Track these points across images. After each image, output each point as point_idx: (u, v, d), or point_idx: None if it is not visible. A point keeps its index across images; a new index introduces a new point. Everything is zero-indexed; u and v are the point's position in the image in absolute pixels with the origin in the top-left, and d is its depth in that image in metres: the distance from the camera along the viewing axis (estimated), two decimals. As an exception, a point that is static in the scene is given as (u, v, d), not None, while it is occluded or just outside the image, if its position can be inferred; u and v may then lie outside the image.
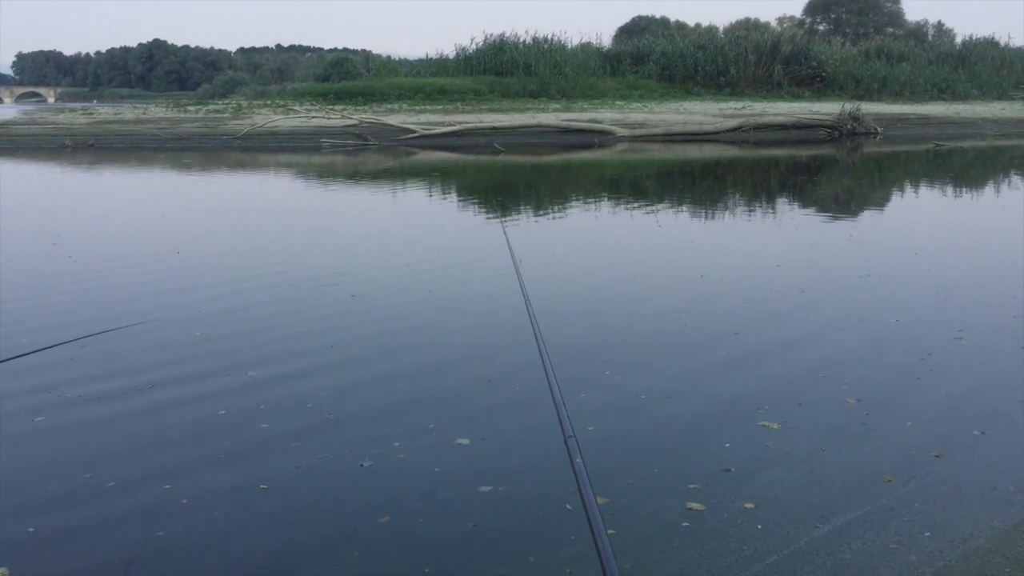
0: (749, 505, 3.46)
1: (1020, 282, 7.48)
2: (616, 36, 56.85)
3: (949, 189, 15.15)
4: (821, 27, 57.08)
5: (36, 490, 3.68)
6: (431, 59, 38.41)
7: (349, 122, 25.37)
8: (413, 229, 11.01)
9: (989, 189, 15.33)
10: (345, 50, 61.38)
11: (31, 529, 3.32)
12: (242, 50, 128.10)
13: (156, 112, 28.91)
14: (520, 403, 4.67)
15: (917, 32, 50.91)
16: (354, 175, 18.07)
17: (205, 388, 4.91)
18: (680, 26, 59.77)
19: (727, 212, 12.61)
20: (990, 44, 39.79)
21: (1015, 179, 16.76)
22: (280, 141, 24.38)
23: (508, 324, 6.12)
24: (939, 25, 52.79)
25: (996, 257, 8.83)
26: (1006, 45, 39.89)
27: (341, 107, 28.67)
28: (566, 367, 5.13)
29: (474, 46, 35.27)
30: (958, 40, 43.87)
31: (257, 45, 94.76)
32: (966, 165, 19.44)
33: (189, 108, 30.22)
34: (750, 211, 12.74)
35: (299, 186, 16.65)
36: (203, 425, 4.39)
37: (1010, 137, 25.71)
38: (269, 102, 32.11)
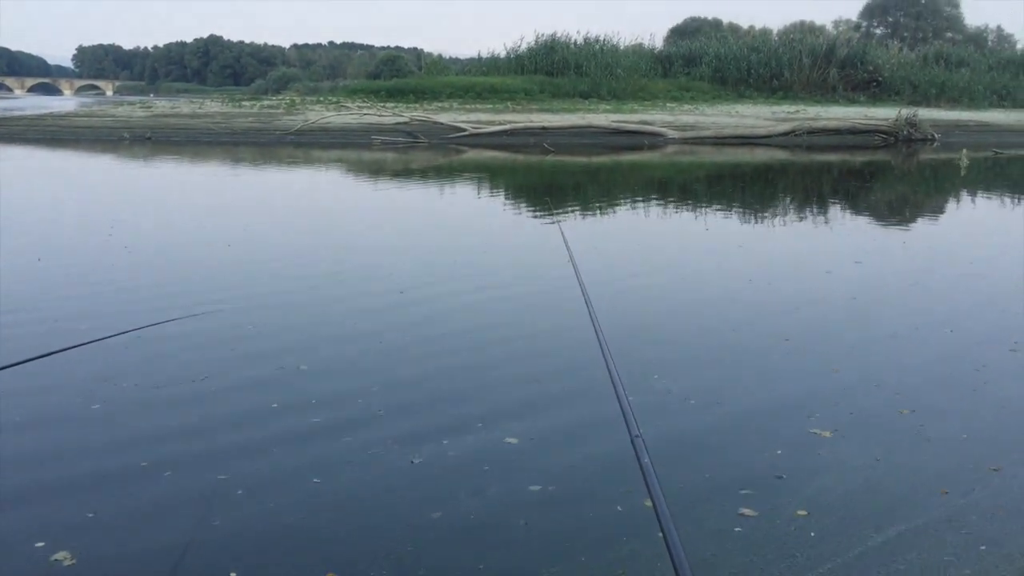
0: (802, 512, 3.43)
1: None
2: (668, 37, 56.50)
3: (1007, 198, 14.82)
4: (878, 31, 56.18)
5: (92, 475, 3.78)
6: (482, 58, 38.53)
7: (400, 119, 25.56)
8: (463, 225, 11.07)
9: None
10: (397, 48, 61.86)
11: (90, 514, 3.41)
12: (295, 46, 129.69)
13: (211, 107, 29.39)
14: (571, 402, 4.68)
15: (977, 37, 49.81)
16: (404, 172, 18.22)
17: (256, 380, 5.00)
18: (734, 28, 59.19)
19: (777, 217, 12.48)
20: (1053, 50, 38.92)
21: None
22: (332, 137, 24.64)
23: (561, 325, 6.13)
24: (999, 30, 51.61)
25: (1057, 269, 8.63)
26: (1070, 51, 38.96)
27: (392, 104, 28.87)
28: (620, 369, 5.12)
29: (525, 46, 35.33)
30: (1019, 46, 42.88)
31: (310, 42, 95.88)
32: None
33: (243, 103, 30.67)
34: (800, 216, 12.60)
35: (351, 182, 16.83)
36: (255, 416, 4.46)
37: (1073, 146, 25.09)
38: (321, 99, 32.46)
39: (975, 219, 12.88)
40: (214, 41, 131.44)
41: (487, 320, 6.42)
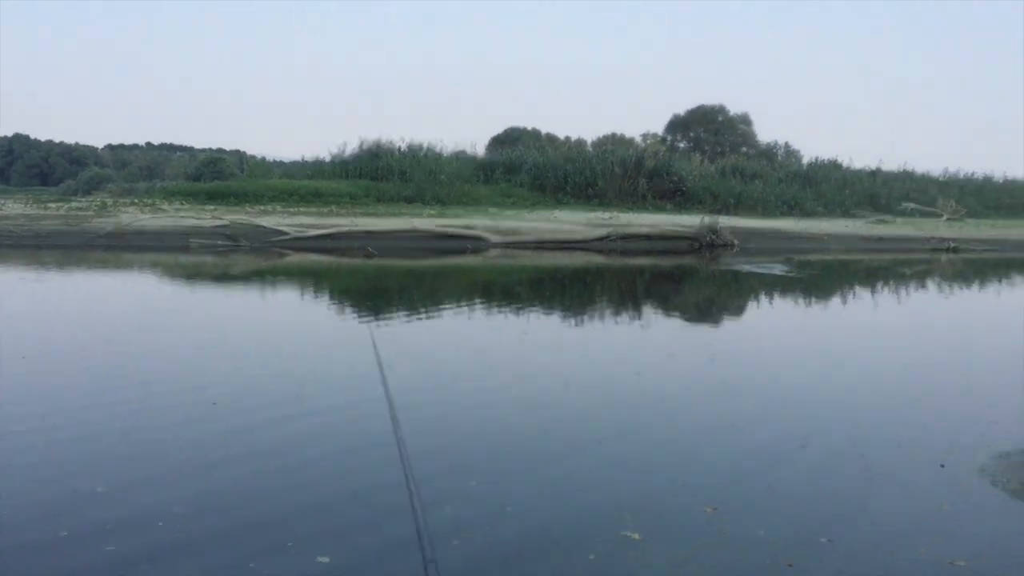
0: (610, 619, 3.50)
1: (862, 390, 7.98)
2: (490, 145, 58.38)
3: (800, 299, 16.08)
4: (682, 144, 60.22)
5: None
6: (307, 161, 38.45)
7: (220, 222, 24.96)
8: (280, 332, 10.82)
9: (836, 299, 16.36)
10: (219, 150, 60.66)
11: None
12: (110, 147, 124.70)
13: (14, 208, 27.64)
14: (375, 525, 4.61)
15: (768, 152, 54.33)
16: (223, 276, 17.70)
17: (47, 507, 4.64)
18: (551, 138, 61.99)
19: (593, 320, 12.97)
20: (833, 166, 42.92)
21: (859, 290, 17.95)
22: (147, 240, 23.69)
23: (372, 439, 6.05)
24: (787, 146, 56.47)
25: (842, 366, 9.39)
26: (847, 167, 43.13)
27: (212, 207, 28.20)
28: (434, 478, 5.12)
29: (350, 151, 35.63)
30: (805, 161, 47.04)
31: (126, 142, 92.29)
32: (815, 277, 20.72)
33: (50, 205, 29.06)
34: (615, 319, 13.15)
35: (164, 287, 16.16)
36: (45, 548, 4.12)
37: (852, 252, 27.64)
38: (136, 200, 31.27)
39: (773, 320, 13.85)
40: (20, 139, 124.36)
41: (298, 436, 6.24)
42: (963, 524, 4.75)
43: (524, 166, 37.09)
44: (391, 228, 25.66)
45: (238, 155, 57.84)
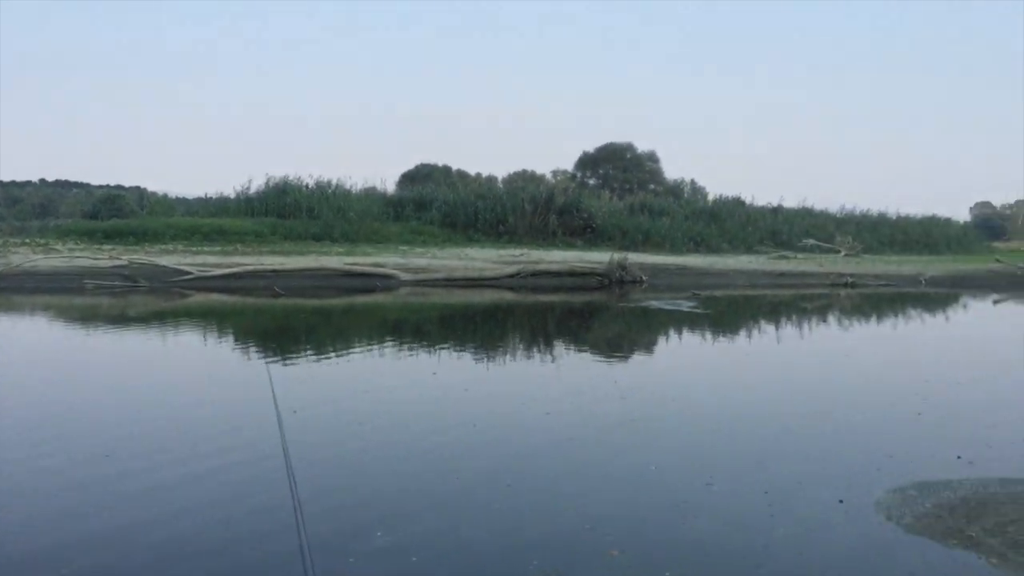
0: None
1: (766, 425, 8.11)
2: (400, 182, 58.30)
3: (707, 335, 16.37)
4: (591, 181, 61.27)
5: None
6: (211, 199, 37.62)
7: (118, 262, 24.13)
8: (178, 377, 10.43)
9: (740, 335, 16.71)
10: (118, 187, 58.76)
11: None
12: (0, 183, 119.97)
13: None
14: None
15: (675, 189, 55.68)
16: (119, 319, 17.04)
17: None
18: (462, 175, 62.29)
19: (503, 358, 12.92)
20: (737, 203, 44.22)
21: (763, 325, 18.40)
22: (39, 281, 22.74)
23: (266, 484, 5.83)
24: (693, 183, 58.03)
25: (746, 402, 9.54)
26: (751, 204, 44.53)
27: (110, 246, 27.27)
28: (338, 526, 4.97)
29: (255, 188, 35.00)
30: (710, 198, 48.38)
31: (17, 179, 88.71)
32: (721, 312, 21.17)
33: (-68, 245, 27.64)
34: (524, 357, 13.12)
35: (55, 331, 15.46)
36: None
37: (756, 287, 28.40)
38: (28, 240, 29.99)
39: (681, 356, 14.04)
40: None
41: (190, 495, 5.95)
42: (861, 561, 4.81)
43: (435, 203, 37.08)
44: (298, 267, 25.26)
45: (138, 192, 56.23)
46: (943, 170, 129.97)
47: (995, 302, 26.53)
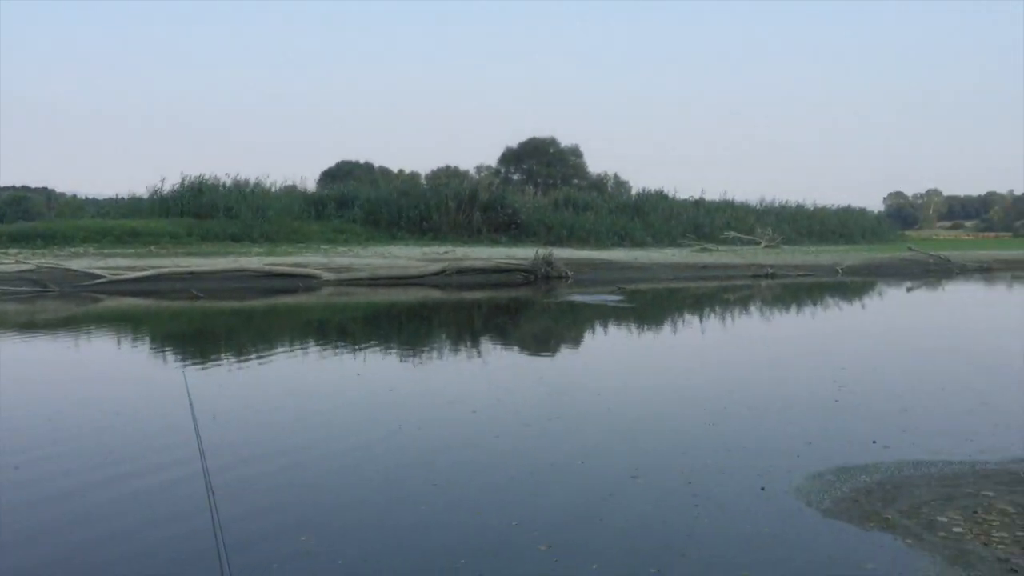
0: None
1: (690, 416, 8.21)
2: (321, 180, 57.55)
3: (632, 328, 16.54)
4: (515, 177, 61.42)
5: None
6: (122, 199, 36.52)
7: (25, 267, 23.19)
8: (87, 388, 10.06)
9: (665, 327, 16.93)
10: (24, 188, 56.45)
11: None
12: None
13: None
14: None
15: (599, 184, 56.23)
16: (26, 325, 16.37)
17: None
18: (384, 171, 61.83)
19: (429, 357, 12.83)
20: (660, 196, 44.85)
21: (686, 317, 18.68)
22: (-62, 288, 21.69)
23: (183, 497, 5.65)
24: (616, 177, 58.64)
25: (670, 392, 9.66)
26: (673, 197, 45.20)
27: (16, 250, 26.22)
28: (258, 528, 4.83)
29: (170, 187, 34.03)
30: (634, 192, 48.98)
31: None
32: (646, 305, 21.44)
33: None
34: (450, 355, 13.05)
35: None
36: None
37: (680, 280, 28.83)
38: (-73, 244, 28.64)
39: (605, 351, 14.15)
40: None
41: (101, 511, 5.71)
42: (782, 546, 4.90)
43: (357, 201, 36.68)
44: (217, 268, 24.65)
45: (45, 193, 54.24)
46: (857, 161, 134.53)
47: (908, 289, 27.48)
